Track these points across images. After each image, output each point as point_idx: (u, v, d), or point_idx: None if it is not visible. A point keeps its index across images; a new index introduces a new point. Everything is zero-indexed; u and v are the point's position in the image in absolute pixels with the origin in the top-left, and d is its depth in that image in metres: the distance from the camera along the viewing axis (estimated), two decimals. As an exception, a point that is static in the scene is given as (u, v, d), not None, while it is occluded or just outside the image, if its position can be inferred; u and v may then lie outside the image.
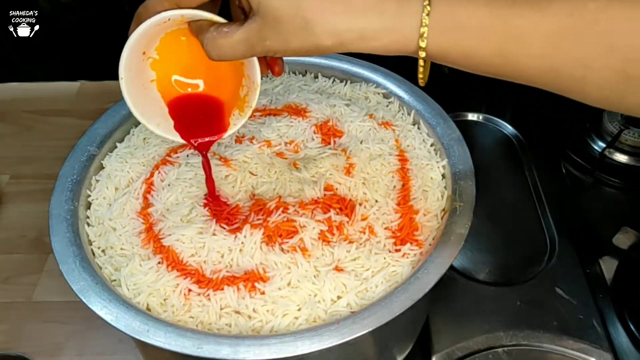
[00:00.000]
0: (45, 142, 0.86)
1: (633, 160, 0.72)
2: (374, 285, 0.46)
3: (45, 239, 0.71)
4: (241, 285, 0.46)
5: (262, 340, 0.42)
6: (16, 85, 0.95)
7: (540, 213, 0.68)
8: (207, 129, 0.47)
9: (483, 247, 0.65)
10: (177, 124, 0.47)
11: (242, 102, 0.46)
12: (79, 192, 0.53)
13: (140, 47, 0.43)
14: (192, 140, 0.48)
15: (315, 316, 0.44)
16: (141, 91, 0.45)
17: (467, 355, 0.55)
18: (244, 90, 0.46)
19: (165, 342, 0.41)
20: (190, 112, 0.47)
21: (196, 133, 0.47)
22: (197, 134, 0.47)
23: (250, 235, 0.48)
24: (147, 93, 0.46)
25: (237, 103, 0.47)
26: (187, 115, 0.47)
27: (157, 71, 0.45)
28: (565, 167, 0.74)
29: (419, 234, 0.50)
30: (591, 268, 0.62)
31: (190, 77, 0.46)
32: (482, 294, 0.60)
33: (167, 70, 0.46)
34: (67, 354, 0.62)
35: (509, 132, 0.78)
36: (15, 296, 0.67)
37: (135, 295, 0.46)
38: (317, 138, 0.57)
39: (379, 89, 0.63)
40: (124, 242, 0.50)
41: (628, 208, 0.69)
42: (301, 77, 0.66)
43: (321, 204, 0.50)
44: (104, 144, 0.58)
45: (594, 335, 0.56)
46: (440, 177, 0.54)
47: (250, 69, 0.44)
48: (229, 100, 0.47)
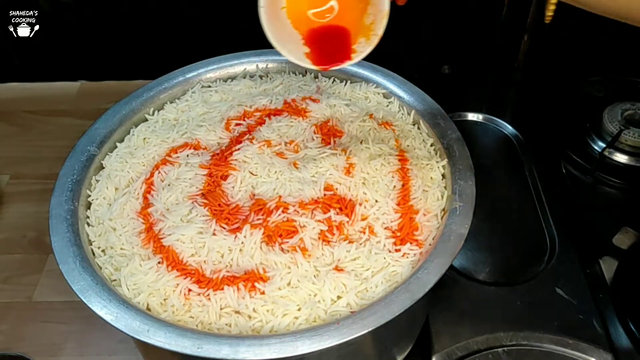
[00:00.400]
0: (45, 142, 0.86)
1: (633, 160, 0.71)
2: (374, 285, 0.46)
3: (45, 239, 0.71)
4: (241, 285, 0.46)
5: (262, 340, 0.42)
6: (16, 85, 0.95)
7: (540, 213, 0.68)
8: (335, 55, 0.48)
9: (483, 247, 0.65)
10: (311, 51, 0.48)
11: (368, 30, 0.47)
12: (79, 192, 0.53)
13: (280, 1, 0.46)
14: (321, 66, 0.49)
15: (315, 316, 0.44)
16: (274, 18, 0.46)
17: (467, 355, 0.55)
18: (369, 18, 0.47)
19: (165, 342, 0.41)
20: (320, 40, 0.49)
21: (325, 60, 0.49)
22: (326, 61, 0.49)
23: (250, 235, 0.48)
24: (279, 20, 0.47)
25: (362, 31, 0.48)
26: (318, 43, 0.49)
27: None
28: (565, 167, 0.74)
29: (419, 233, 0.50)
30: (591, 268, 0.62)
31: (317, 5, 0.48)
32: (482, 294, 0.60)
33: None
34: (67, 354, 0.62)
35: (509, 132, 0.78)
36: (15, 296, 0.68)
37: (135, 295, 0.46)
38: (317, 138, 0.57)
39: (379, 89, 0.63)
40: (124, 242, 0.50)
41: (628, 208, 0.69)
42: (301, 77, 0.66)
43: (321, 204, 0.50)
44: (104, 144, 0.58)
45: (594, 335, 0.56)
46: (440, 177, 0.54)
47: None
48: (354, 28, 0.48)
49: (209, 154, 0.56)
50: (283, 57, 0.47)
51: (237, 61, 0.67)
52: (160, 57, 0.87)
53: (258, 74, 0.66)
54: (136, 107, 0.61)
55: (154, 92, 0.63)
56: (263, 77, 0.66)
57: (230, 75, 0.67)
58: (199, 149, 0.57)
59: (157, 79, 0.64)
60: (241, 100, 0.62)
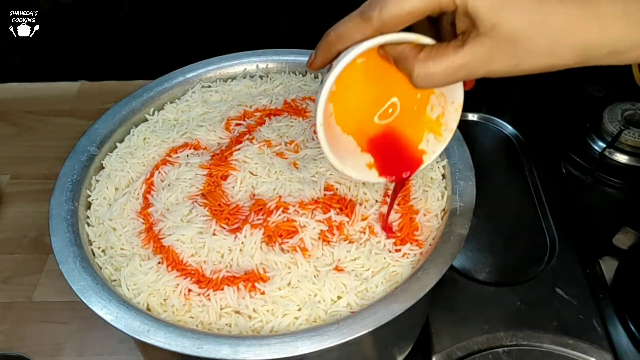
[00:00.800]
0: (45, 142, 0.86)
1: (633, 160, 0.71)
2: (374, 285, 0.46)
3: (45, 239, 0.71)
4: (241, 285, 0.46)
5: (262, 340, 0.42)
6: (16, 85, 0.95)
7: (540, 213, 0.68)
8: (402, 162, 0.42)
9: (483, 247, 0.65)
10: (373, 159, 0.42)
11: (437, 125, 0.40)
12: (79, 192, 0.53)
13: (328, 106, 0.38)
14: (389, 177, 0.43)
15: (316, 316, 0.44)
16: (327, 128, 0.39)
17: (467, 355, 0.55)
18: (435, 110, 0.40)
19: (165, 342, 0.41)
20: (378, 146, 0.42)
21: (391, 169, 0.42)
22: (393, 170, 0.42)
23: (250, 235, 0.48)
24: (331, 128, 0.40)
25: (427, 125, 0.41)
26: (377, 150, 0.42)
27: (334, 103, 0.39)
28: (566, 167, 0.74)
29: (419, 234, 0.50)
30: (591, 268, 0.62)
31: (372, 107, 0.40)
32: (482, 294, 0.60)
33: (344, 100, 0.39)
34: (67, 354, 0.62)
35: (509, 132, 0.78)
36: (15, 296, 0.68)
37: (136, 295, 0.46)
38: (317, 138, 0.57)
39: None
40: (124, 242, 0.50)
41: (628, 208, 0.69)
42: (301, 77, 0.66)
43: (321, 204, 0.50)
44: (104, 144, 0.58)
45: (594, 335, 0.56)
46: (440, 177, 0.54)
47: (449, 87, 0.39)
48: (414, 125, 0.42)
49: (209, 154, 0.56)
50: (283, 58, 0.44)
51: (237, 61, 0.67)
52: (160, 57, 0.87)
53: (258, 74, 0.66)
54: (136, 107, 0.61)
55: (154, 92, 0.63)
56: (263, 77, 0.66)
57: (230, 75, 0.66)
58: (199, 149, 0.57)
59: (157, 79, 0.64)
60: (241, 100, 0.62)
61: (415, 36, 0.36)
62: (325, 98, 0.37)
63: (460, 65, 0.34)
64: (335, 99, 0.39)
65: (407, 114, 0.40)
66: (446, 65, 0.34)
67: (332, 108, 0.40)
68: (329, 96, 0.37)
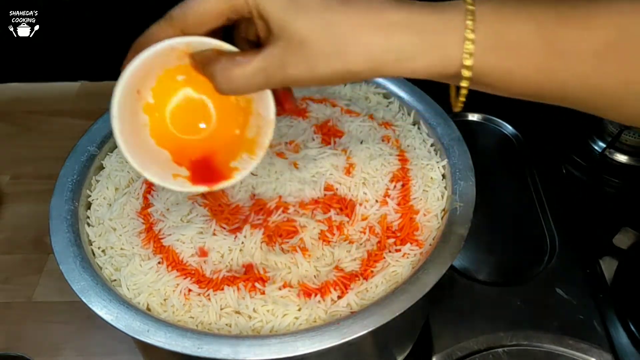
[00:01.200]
0: (45, 142, 0.85)
1: (633, 160, 0.72)
2: (374, 285, 0.46)
3: (45, 239, 0.71)
4: (241, 285, 0.46)
5: (262, 340, 0.42)
6: (16, 85, 0.95)
7: (540, 213, 0.68)
8: (214, 176, 0.42)
9: (483, 247, 0.65)
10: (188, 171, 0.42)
11: (252, 144, 0.41)
12: (79, 192, 0.53)
13: (136, 83, 0.38)
14: (195, 186, 0.42)
15: (316, 316, 0.44)
16: (135, 134, 0.40)
17: (468, 355, 0.55)
18: (252, 130, 0.41)
19: (165, 342, 0.41)
20: (196, 163, 0.42)
21: (201, 179, 0.42)
22: (202, 180, 0.42)
23: (250, 235, 0.48)
24: (142, 137, 0.40)
25: (245, 146, 0.41)
26: (194, 165, 0.42)
27: (150, 115, 0.40)
28: (566, 167, 0.74)
29: (419, 234, 0.50)
30: (591, 268, 0.62)
31: (188, 123, 0.41)
32: (482, 294, 0.60)
33: (162, 115, 0.40)
34: (67, 354, 0.62)
35: (509, 132, 0.78)
36: (15, 296, 0.68)
37: (136, 295, 0.46)
38: (317, 138, 0.57)
39: (379, 89, 0.63)
40: (124, 242, 0.50)
41: (628, 208, 0.69)
42: (301, 77, 0.66)
43: (321, 204, 0.50)
44: (104, 144, 0.57)
45: (594, 335, 0.56)
46: (440, 177, 0.54)
47: (261, 104, 0.39)
48: (231, 145, 0.42)
49: (209, 154, 0.56)
50: None
51: (237, 61, 0.67)
52: (160, 57, 0.87)
53: (258, 74, 0.66)
54: (136, 107, 0.61)
55: (154, 92, 0.63)
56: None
57: (230, 75, 0.66)
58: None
59: (157, 79, 0.64)
60: (241, 100, 0.62)
61: (219, 43, 0.36)
62: (117, 95, 0.38)
63: (259, 69, 0.34)
64: (153, 111, 0.40)
65: (227, 136, 0.41)
66: (244, 69, 0.34)
67: (148, 120, 0.40)
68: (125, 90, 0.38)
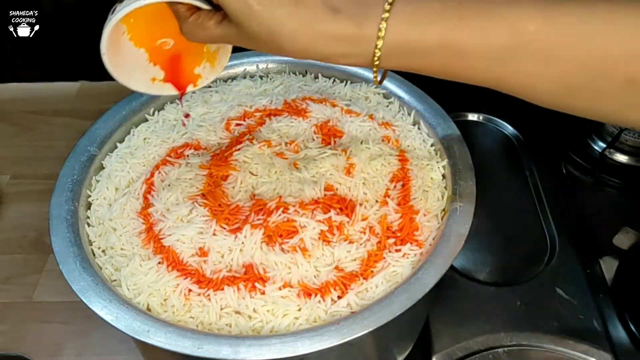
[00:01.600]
0: (45, 142, 0.86)
1: (633, 160, 0.71)
2: (374, 285, 0.46)
3: (45, 239, 0.71)
4: (241, 285, 0.46)
5: (263, 340, 0.42)
6: (16, 85, 0.95)
7: (540, 213, 0.68)
8: (180, 76, 0.48)
9: (483, 247, 0.65)
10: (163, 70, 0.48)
11: (213, 57, 0.48)
12: (79, 193, 0.53)
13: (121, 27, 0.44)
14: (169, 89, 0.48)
15: (316, 316, 0.44)
16: (116, 46, 0.45)
17: (468, 355, 0.55)
18: (212, 45, 0.47)
19: (165, 343, 0.41)
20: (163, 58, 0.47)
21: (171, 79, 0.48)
22: (172, 81, 0.48)
23: (250, 235, 0.48)
24: (121, 43, 0.45)
25: (207, 55, 0.48)
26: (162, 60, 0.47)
27: (126, 23, 0.45)
28: (566, 167, 0.74)
29: (419, 234, 0.50)
30: (591, 268, 0.62)
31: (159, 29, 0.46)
32: (483, 294, 0.60)
33: (137, 19, 0.45)
34: (67, 354, 0.62)
35: (509, 132, 0.78)
36: (15, 296, 0.68)
37: (136, 296, 0.46)
38: (318, 138, 0.57)
39: (379, 89, 0.63)
40: (124, 242, 0.50)
41: (628, 208, 0.69)
42: (301, 77, 0.66)
43: (321, 204, 0.50)
44: (104, 144, 0.58)
45: (594, 335, 0.56)
46: (440, 177, 0.54)
47: None
48: (195, 50, 0.47)
49: (209, 154, 0.56)
50: (283, 58, 0.47)
51: (237, 61, 0.67)
52: (160, 57, 0.87)
53: (258, 74, 0.66)
54: (136, 107, 0.61)
55: (154, 92, 0.63)
56: (263, 77, 0.66)
57: (231, 76, 0.67)
58: (199, 149, 0.57)
59: (157, 79, 0.64)
60: (241, 100, 0.62)
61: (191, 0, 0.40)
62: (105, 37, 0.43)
63: (218, 36, 0.40)
64: (129, 18, 0.44)
65: (191, 44, 0.46)
66: (206, 33, 0.41)
67: (126, 28, 0.45)
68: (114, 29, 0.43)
